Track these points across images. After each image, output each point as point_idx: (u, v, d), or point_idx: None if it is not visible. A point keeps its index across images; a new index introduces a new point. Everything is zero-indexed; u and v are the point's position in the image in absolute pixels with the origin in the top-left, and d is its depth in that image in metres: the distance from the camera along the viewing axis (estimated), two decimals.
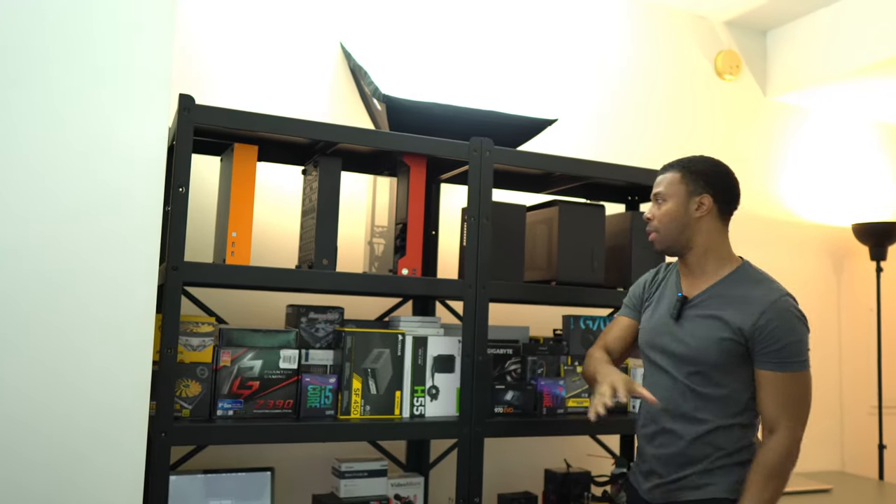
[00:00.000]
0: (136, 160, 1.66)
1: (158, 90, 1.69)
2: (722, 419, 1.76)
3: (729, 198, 1.83)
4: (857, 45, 3.15)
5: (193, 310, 2.46)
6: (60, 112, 1.60)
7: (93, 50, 1.63)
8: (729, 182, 1.83)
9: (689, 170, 1.83)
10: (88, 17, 1.63)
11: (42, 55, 1.59)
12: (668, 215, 1.83)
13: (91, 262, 1.60)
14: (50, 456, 1.55)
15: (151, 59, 1.68)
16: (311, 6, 2.72)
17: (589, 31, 3.20)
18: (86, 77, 1.62)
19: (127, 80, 1.66)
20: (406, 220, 2.16)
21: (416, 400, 2.12)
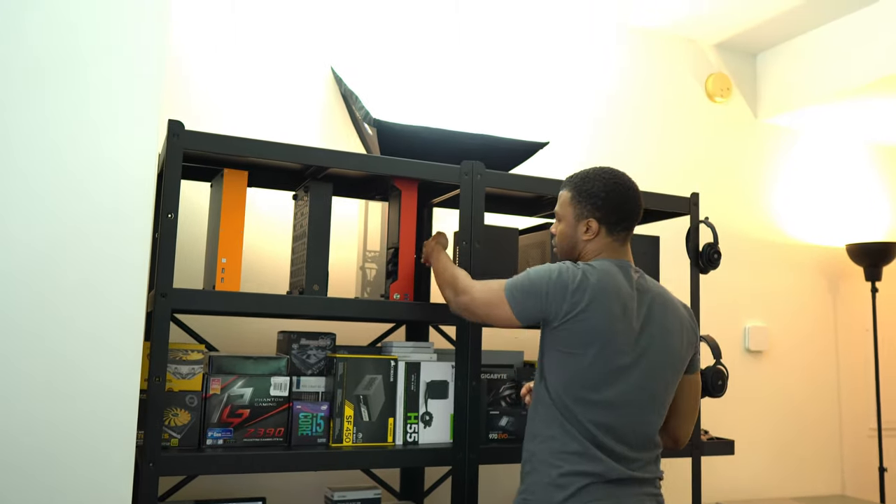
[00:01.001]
0: (125, 186, 1.64)
1: (148, 115, 1.68)
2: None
3: (617, 218, 1.81)
4: (845, 66, 3.17)
5: (183, 337, 2.44)
6: (49, 137, 1.59)
7: (82, 75, 1.62)
8: (616, 202, 1.80)
9: (580, 190, 1.84)
10: (78, 43, 1.63)
11: (31, 81, 1.58)
12: (560, 236, 1.89)
13: (78, 288, 1.58)
14: (33, 487, 1.51)
15: (141, 85, 1.68)
16: (301, 31, 2.73)
17: (580, 55, 3.22)
18: (75, 103, 1.61)
19: (116, 105, 1.65)
20: (398, 245, 2.14)
21: (410, 427, 2.09)
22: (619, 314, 1.72)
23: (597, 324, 1.70)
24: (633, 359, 1.72)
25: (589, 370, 1.71)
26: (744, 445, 3.36)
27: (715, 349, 2.32)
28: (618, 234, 1.82)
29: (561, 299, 1.72)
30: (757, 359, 3.44)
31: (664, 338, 1.77)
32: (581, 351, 1.71)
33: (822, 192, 3.74)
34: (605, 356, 1.70)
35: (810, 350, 3.60)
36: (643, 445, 1.74)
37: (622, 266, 1.80)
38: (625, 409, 1.71)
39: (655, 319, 1.77)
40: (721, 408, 3.32)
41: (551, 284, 1.74)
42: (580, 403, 1.70)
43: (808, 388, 3.57)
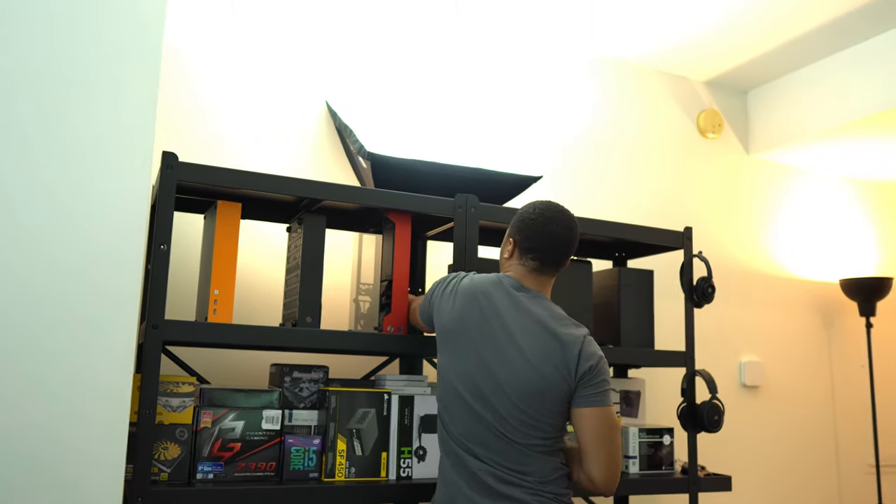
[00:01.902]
0: (117, 217, 1.64)
1: (141, 147, 1.68)
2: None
3: (528, 246, 1.86)
4: (837, 103, 3.20)
5: (174, 369, 2.41)
6: (41, 169, 1.59)
7: (74, 106, 1.63)
8: (531, 231, 1.86)
9: (515, 214, 1.97)
10: (70, 73, 1.63)
11: (22, 112, 1.59)
12: (500, 255, 1.99)
13: (69, 319, 1.57)
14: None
15: (134, 116, 1.68)
16: (296, 65, 2.75)
17: (573, 91, 3.25)
18: (67, 134, 1.62)
19: (109, 136, 1.65)
20: (392, 277, 2.14)
21: (403, 461, 2.07)
22: (474, 317, 1.83)
23: (449, 321, 1.87)
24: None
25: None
26: (741, 482, 3.33)
27: (710, 384, 2.31)
28: (528, 261, 1.86)
29: (437, 299, 1.94)
30: (752, 394, 3.42)
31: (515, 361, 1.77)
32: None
33: (815, 227, 3.76)
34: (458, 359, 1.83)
35: (806, 385, 3.58)
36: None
37: (500, 278, 1.88)
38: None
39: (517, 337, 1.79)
40: (717, 443, 3.30)
41: (434, 288, 1.97)
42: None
43: (805, 424, 3.54)
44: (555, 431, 1.77)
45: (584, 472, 1.75)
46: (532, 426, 1.74)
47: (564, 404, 1.76)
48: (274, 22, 2.74)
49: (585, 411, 1.75)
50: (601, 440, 1.73)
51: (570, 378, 1.75)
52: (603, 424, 1.74)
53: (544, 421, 1.74)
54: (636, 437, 2.39)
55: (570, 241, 1.86)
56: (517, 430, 1.74)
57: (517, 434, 1.74)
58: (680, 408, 2.36)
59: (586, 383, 1.75)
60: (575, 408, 1.76)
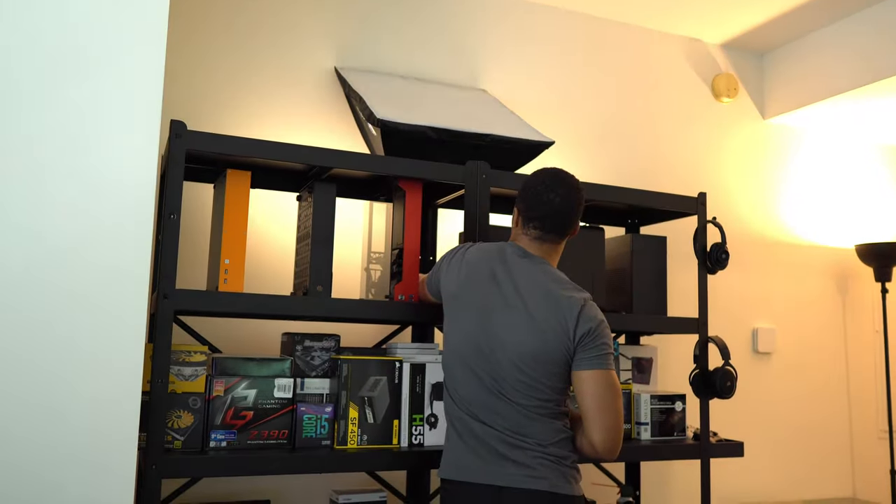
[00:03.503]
0: (126, 187, 1.63)
1: (149, 115, 1.66)
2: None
3: (529, 215, 1.86)
4: (853, 65, 3.14)
5: (186, 338, 2.43)
6: (50, 139, 1.58)
7: (82, 76, 1.61)
8: (529, 198, 1.86)
9: (523, 181, 1.93)
10: (77, 44, 1.62)
11: (31, 82, 1.57)
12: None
13: (80, 290, 1.57)
14: (33, 489, 1.50)
15: (142, 84, 1.66)
16: (305, 32, 2.72)
17: (585, 55, 3.20)
18: (76, 104, 1.60)
19: (117, 105, 1.64)
20: (402, 246, 2.13)
21: (415, 428, 2.07)
22: (478, 284, 1.83)
23: (453, 297, 1.87)
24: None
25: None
26: (753, 448, 3.33)
27: (723, 350, 2.29)
28: (530, 230, 1.86)
29: (443, 269, 1.94)
30: (765, 360, 3.41)
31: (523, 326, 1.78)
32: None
33: (831, 192, 3.71)
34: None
35: (819, 352, 3.56)
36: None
37: (504, 245, 1.89)
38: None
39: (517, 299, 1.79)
40: (730, 410, 3.29)
41: (441, 259, 1.97)
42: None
43: (818, 390, 3.53)
44: (555, 394, 1.77)
45: (585, 438, 1.74)
46: (533, 387, 1.74)
47: (564, 367, 1.76)
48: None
49: (584, 374, 1.74)
50: (601, 404, 1.72)
51: (568, 341, 1.74)
52: (602, 388, 1.73)
53: (544, 383, 1.74)
54: (648, 403, 2.38)
55: (571, 210, 1.84)
56: (518, 392, 1.74)
57: (518, 396, 1.74)
58: (692, 374, 2.36)
59: (585, 346, 1.75)
60: (575, 371, 1.75)
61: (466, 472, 1.75)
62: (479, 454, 1.75)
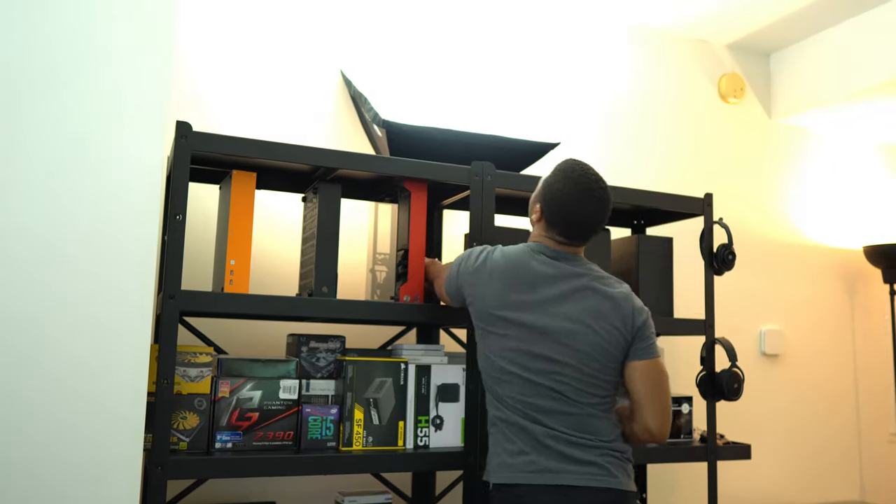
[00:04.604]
0: (132, 187, 1.63)
1: (155, 117, 1.67)
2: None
3: (553, 221, 1.83)
4: (861, 65, 3.13)
5: (191, 339, 2.43)
6: (56, 140, 1.58)
7: (89, 77, 1.62)
8: (555, 203, 1.81)
9: (546, 175, 1.89)
10: (84, 45, 1.62)
11: (38, 83, 1.58)
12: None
13: (86, 290, 1.57)
14: (39, 490, 1.50)
15: (148, 86, 1.67)
16: (311, 33, 2.72)
17: (591, 57, 3.19)
18: (82, 105, 1.61)
19: (124, 106, 1.64)
20: (408, 247, 2.13)
21: (420, 430, 2.07)
22: (516, 290, 1.78)
23: (489, 303, 1.80)
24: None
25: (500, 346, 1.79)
26: (760, 450, 3.32)
27: (730, 352, 2.28)
28: (552, 234, 1.85)
29: (464, 281, 1.88)
30: (773, 362, 3.39)
31: (575, 324, 1.76)
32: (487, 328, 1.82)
33: (838, 192, 3.69)
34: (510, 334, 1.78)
35: (827, 353, 3.54)
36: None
37: (532, 247, 1.84)
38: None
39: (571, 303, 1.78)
40: (737, 412, 3.28)
41: (461, 263, 1.91)
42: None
43: (826, 393, 3.52)
44: (612, 389, 1.80)
45: (638, 425, 1.79)
46: (593, 385, 1.75)
47: (620, 360, 1.79)
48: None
49: (640, 364, 1.80)
50: (656, 390, 1.79)
51: (627, 334, 1.79)
52: (656, 375, 1.80)
53: (603, 379, 1.77)
54: None
55: (601, 221, 1.83)
56: (580, 391, 1.74)
57: (580, 395, 1.74)
58: (699, 376, 2.34)
59: (640, 337, 1.80)
60: (630, 362, 1.80)
61: (527, 475, 1.71)
62: (541, 456, 1.72)
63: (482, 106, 2.92)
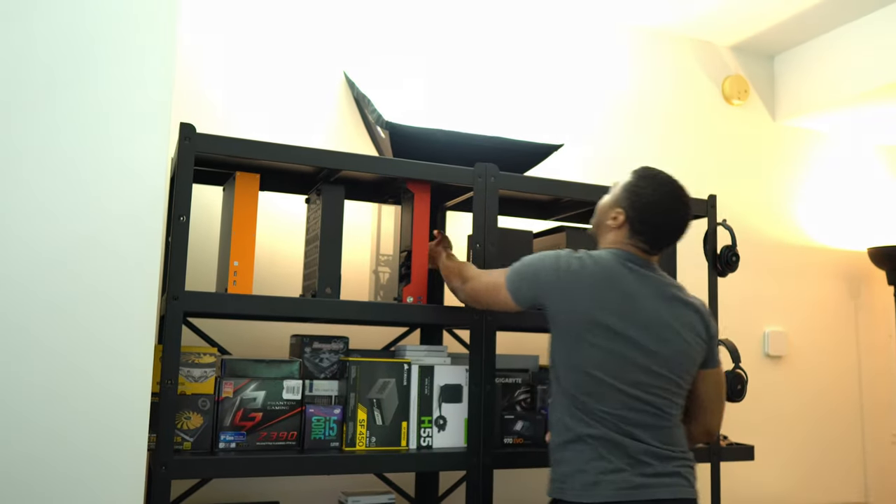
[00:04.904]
0: (136, 189, 1.64)
1: (159, 119, 1.68)
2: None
3: (641, 229, 1.80)
4: (866, 67, 3.12)
5: (195, 340, 2.44)
6: (60, 142, 1.59)
7: (93, 79, 1.63)
8: (650, 215, 1.79)
9: (632, 182, 1.84)
10: (88, 47, 1.63)
11: (41, 85, 1.59)
12: (598, 208, 1.93)
13: (90, 292, 1.58)
14: (44, 490, 1.51)
15: (152, 88, 1.68)
16: (314, 35, 2.73)
17: (594, 58, 3.20)
18: (86, 107, 1.62)
19: (128, 108, 1.65)
20: (411, 248, 2.13)
21: (423, 431, 2.07)
22: (619, 303, 1.73)
23: (589, 311, 1.72)
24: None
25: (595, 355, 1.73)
26: (764, 451, 3.31)
27: (733, 353, 2.28)
28: (637, 241, 1.82)
29: (554, 286, 1.76)
30: (776, 364, 3.39)
31: (668, 332, 1.76)
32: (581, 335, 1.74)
33: (843, 194, 3.69)
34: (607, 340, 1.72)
35: (831, 355, 3.54)
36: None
37: (620, 255, 1.80)
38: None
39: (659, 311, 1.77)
40: (741, 413, 3.28)
41: (545, 271, 1.79)
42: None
43: (830, 394, 3.51)
44: (685, 397, 1.82)
45: (700, 427, 1.87)
46: (678, 395, 1.77)
47: (698, 368, 1.84)
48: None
49: (713, 371, 1.87)
50: (721, 395, 1.88)
51: (706, 342, 1.83)
52: (722, 380, 1.89)
53: (685, 388, 1.79)
54: None
55: (685, 230, 1.85)
56: (669, 403, 1.74)
57: (668, 405, 1.74)
58: None
59: (713, 345, 1.87)
60: (706, 369, 1.85)
61: (624, 493, 1.66)
62: (635, 472, 1.68)
63: (485, 107, 2.93)
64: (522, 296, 1.82)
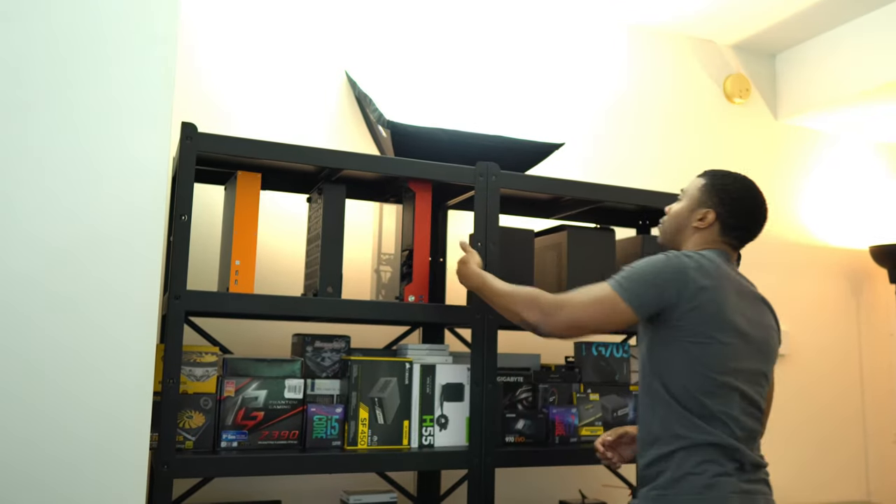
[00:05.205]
0: (138, 188, 1.64)
1: (160, 118, 1.68)
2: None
3: (735, 223, 1.80)
4: (868, 66, 3.12)
5: (197, 340, 2.44)
6: (62, 141, 1.59)
7: (94, 79, 1.63)
8: (744, 209, 1.80)
9: (714, 182, 1.83)
10: (89, 46, 1.63)
11: (42, 84, 1.59)
12: (674, 213, 1.88)
13: (92, 291, 1.58)
14: (43, 489, 1.51)
15: (153, 87, 1.68)
16: (316, 35, 2.73)
17: (595, 57, 3.19)
18: (87, 107, 1.62)
19: (129, 108, 1.65)
20: (412, 247, 2.13)
21: (425, 429, 2.08)
22: (736, 301, 1.71)
23: (720, 309, 1.67)
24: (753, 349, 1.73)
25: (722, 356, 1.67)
26: (766, 450, 3.31)
27: None
28: (729, 238, 1.82)
29: (682, 286, 1.68)
30: (779, 362, 3.39)
31: (766, 331, 1.76)
32: (713, 337, 1.67)
33: (845, 193, 3.68)
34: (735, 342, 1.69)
35: (833, 354, 3.54)
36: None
37: (720, 254, 1.79)
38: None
39: (759, 312, 1.77)
40: None
41: (668, 272, 1.69)
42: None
43: (832, 393, 3.51)
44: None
45: (762, 428, 1.82)
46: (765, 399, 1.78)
47: None
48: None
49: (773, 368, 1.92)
50: (772, 394, 1.94)
51: (779, 341, 1.84)
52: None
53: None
54: None
55: (765, 218, 1.86)
56: (763, 403, 1.75)
57: (762, 412, 1.75)
58: None
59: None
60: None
61: (732, 496, 1.63)
62: (741, 477, 1.66)
63: (486, 106, 2.93)
64: (646, 302, 1.70)
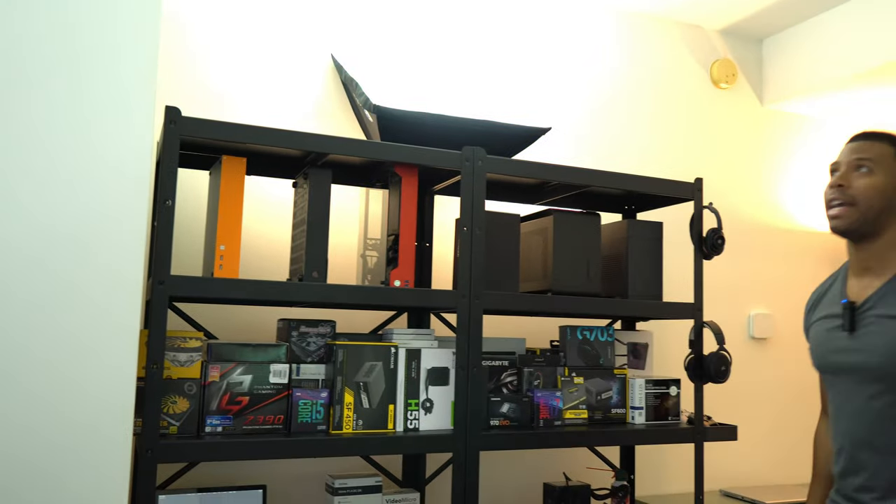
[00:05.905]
0: (121, 173, 1.63)
1: (143, 102, 1.66)
2: None
3: None
4: (853, 50, 3.13)
5: (182, 325, 2.43)
6: (44, 126, 1.58)
7: (75, 62, 1.61)
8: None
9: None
10: (70, 30, 1.61)
11: (23, 68, 1.57)
12: (874, 188, 1.57)
13: (74, 275, 1.57)
14: (29, 475, 1.51)
15: (136, 71, 1.66)
16: (301, 18, 2.71)
17: (582, 42, 3.19)
18: (69, 89, 1.60)
19: (111, 92, 1.63)
20: (398, 232, 2.13)
21: (410, 413, 2.09)
22: None
23: None
24: None
25: None
26: (747, 431, 3.35)
27: (718, 335, 2.30)
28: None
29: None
30: (761, 346, 3.42)
31: None
32: None
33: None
34: None
35: None
36: None
37: None
38: None
39: None
40: (725, 394, 3.31)
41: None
42: None
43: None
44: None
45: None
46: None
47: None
48: None
49: None
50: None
51: None
52: None
53: None
54: (642, 388, 2.40)
55: None
56: None
57: None
58: (687, 359, 2.36)
59: None
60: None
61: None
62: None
63: (473, 91, 2.92)
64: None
